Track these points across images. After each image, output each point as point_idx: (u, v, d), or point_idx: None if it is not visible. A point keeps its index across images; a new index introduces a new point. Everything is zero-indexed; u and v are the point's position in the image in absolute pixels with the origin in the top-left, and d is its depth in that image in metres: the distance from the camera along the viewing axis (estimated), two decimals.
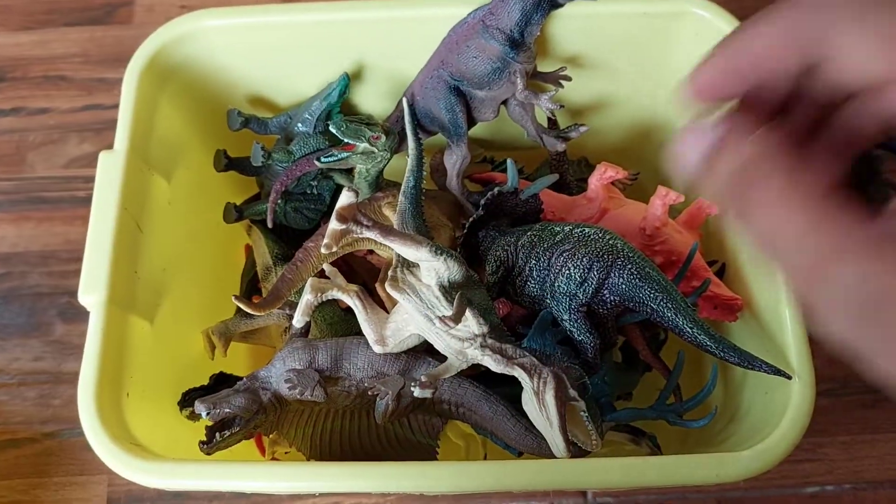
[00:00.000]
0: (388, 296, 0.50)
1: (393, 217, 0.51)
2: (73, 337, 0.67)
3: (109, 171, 0.47)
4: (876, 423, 0.62)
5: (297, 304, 0.48)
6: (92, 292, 0.45)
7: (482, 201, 0.49)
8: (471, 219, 0.49)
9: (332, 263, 0.51)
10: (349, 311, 0.53)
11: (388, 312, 0.51)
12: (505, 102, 0.56)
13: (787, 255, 0.21)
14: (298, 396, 0.41)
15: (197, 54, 0.54)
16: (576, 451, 0.42)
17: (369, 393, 0.43)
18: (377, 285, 0.51)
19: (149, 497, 0.61)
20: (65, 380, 0.66)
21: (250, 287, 0.59)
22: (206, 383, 0.53)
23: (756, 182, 0.21)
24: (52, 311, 0.68)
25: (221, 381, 0.53)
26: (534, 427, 0.43)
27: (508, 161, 0.49)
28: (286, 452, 0.50)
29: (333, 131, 0.51)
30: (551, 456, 0.42)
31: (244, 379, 0.43)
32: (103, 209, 0.46)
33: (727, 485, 0.44)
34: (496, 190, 0.48)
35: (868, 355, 0.20)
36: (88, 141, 0.74)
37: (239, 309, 0.54)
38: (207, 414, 0.41)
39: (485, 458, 0.53)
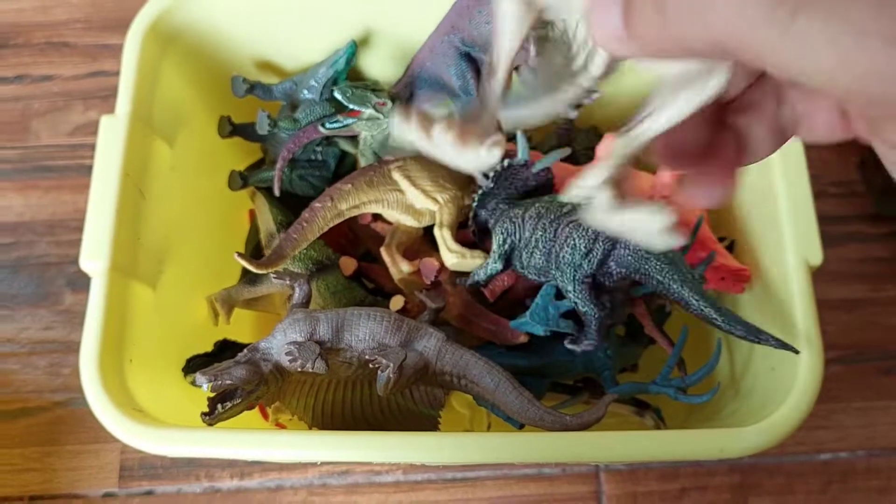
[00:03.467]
0: (393, 260, 0.50)
1: (402, 181, 0.50)
2: (82, 306, 0.66)
3: (111, 137, 0.46)
4: (891, 390, 0.62)
5: (297, 273, 0.48)
6: (94, 259, 0.44)
7: (492, 173, 0.48)
8: (480, 190, 0.48)
9: (336, 230, 0.50)
10: (352, 278, 0.53)
11: (393, 280, 0.51)
12: (517, 69, 0.54)
13: None
14: (299, 369, 0.41)
15: (200, 18, 0.53)
16: (575, 423, 0.42)
17: (370, 365, 0.42)
18: (382, 250, 0.50)
19: (162, 464, 0.61)
20: (75, 349, 0.65)
21: (255, 253, 0.58)
22: (209, 350, 0.53)
23: None
24: (60, 280, 0.68)
25: (225, 348, 0.53)
26: (535, 400, 0.42)
27: (518, 133, 0.48)
28: (290, 419, 0.50)
29: (338, 97, 0.50)
30: (552, 429, 0.41)
31: (245, 350, 0.43)
32: (105, 175, 0.46)
33: None
34: (506, 162, 0.47)
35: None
36: (94, 108, 0.73)
37: (243, 275, 0.54)
38: (208, 385, 0.40)
39: (489, 428, 0.53)
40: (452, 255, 0.48)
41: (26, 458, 0.62)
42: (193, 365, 0.51)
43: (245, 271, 0.52)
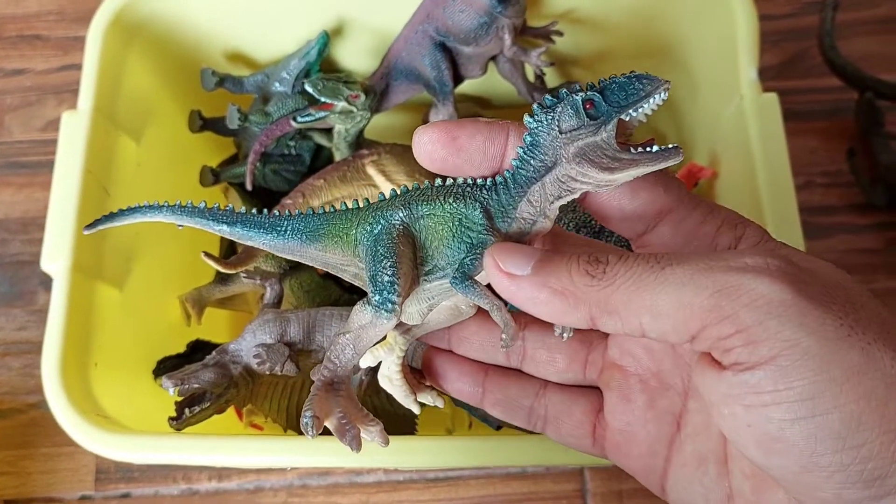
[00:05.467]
0: None
1: (377, 176, 0.49)
2: None
3: (72, 133, 0.45)
4: None
5: (268, 272, 0.47)
6: (55, 259, 0.43)
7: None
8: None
9: None
10: (326, 276, 0.52)
11: None
12: (494, 59, 0.53)
13: None
14: (268, 372, 0.40)
15: (167, 9, 0.51)
16: None
17: None
18: None
19: (139, 467, 0.60)
20: None
21: (228, 251, 0.57)
22: (182, 351, 0.51)
23: None
24: (34, 279, 0.67)
25: (198, 349, 0.52)
26: None
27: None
28: (265, 421, 0.49)
29: (309, 90, 0.49)
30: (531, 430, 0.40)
31: (213, 353, 0.41)
32: (66, 173, 0.44)
33: None
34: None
35: None
36: (67, 103, 0.72)
37: (216, 275, 0.52)
38: (175, 390, 0.39)
39: (470, 427, 0.52)
40: None
41: (0, 461, 0.61)
42: (164, 367, 0.49)
43: (217, 270, 0.50)
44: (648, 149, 0.25)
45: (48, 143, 0.71)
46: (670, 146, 0.25)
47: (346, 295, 0.51)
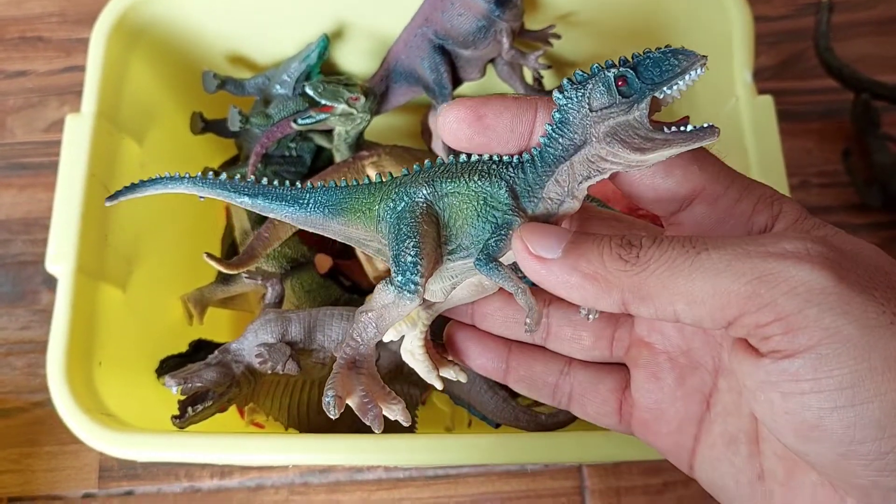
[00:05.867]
0: (368, 257, 0.49)
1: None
2: None
3: (76, 136, 0.46)
4: None
5: (270, 272, 0.47)
6: (60, 261, 0.43)
7: None
8: None
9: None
10: (329, 275, 0.52)
11: (367, 273, 0.50)
12: (492, 62, 0.54)
13: None
14: (270, 371, 0.40)
15: (169, 12, 0.52)
16: (551, 422, 0.41)
17: None
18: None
19: (141, 465, 0.61)
20: None
21: (231, 250, 0.58)
22: (184, 350, 0.52)
23: None
24: (37, 279, 0.67)
25: (200, 348, 0.52)
26: (511, 399, 0.42)
27: None
28: (266, 419, 0.50)
29: (309, 93, 0.49)
30: (528, 428, 0.41)
31: (216, 352, 0.42)
32: (70, 175, 0.45)
33: None
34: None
35: None
36: (69, 104, 0.72)
37: (217, 275, 0.53)
38: (178, 388, 0.40)
39: (469, 425, 0.53)
40: None
41: (4, 459, 0.62)
42: (167, 366, 0.50)
43: (219, 270, 0.51)
44: (682, 128, 0.24)
45: (50, 145, 0.71)
46: (705, 125, 0.24)
47: (346, 295, 0.52)
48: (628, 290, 0.23)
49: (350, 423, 0.47)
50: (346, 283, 0.54)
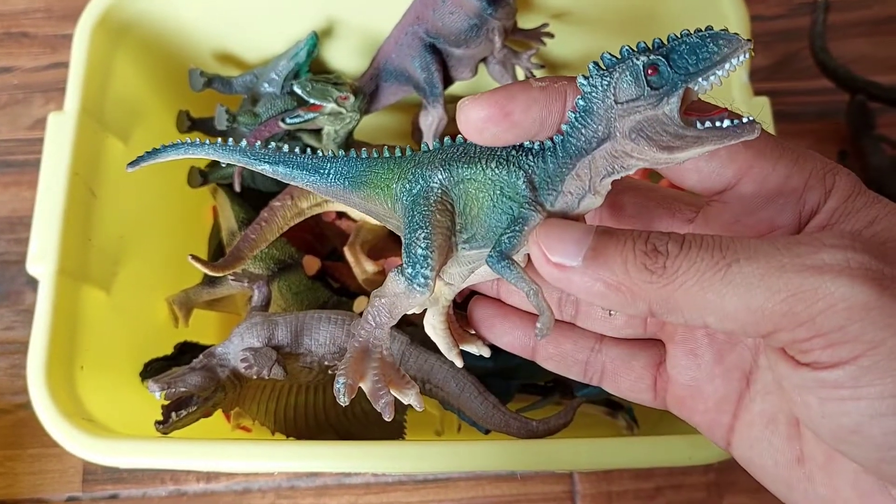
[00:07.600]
0: (357, 259, 0.48)
1: None
2: None
3: (59, 134, 0.45)
4: None
5: (256, 274, 0.46)
6: (41, 262, 0.43)
7: None
8: None
9: (302, 226, 0.49)
10: (317, 277, 0.51)
11: (355, 275, 0.49)
12: (484, 61, 0.53)
13: None
14: (255, 376, 0.40)
15: (155, 8, 0.51)
16: (542, 429, 0.41)
17: (329, 371, 0.41)
18: (345, 249, 0.49)
19: (126, 468, 0.60)
20: None
21: (218, 250, 0.57)
22: (169, 353, 0.51)
23: None
24: (21, 279, 0.66)
25: (186, 351, 0.51)
26: (501, 405, 0.41)
27: None
28: (253, 423, 0.49)
29: (298, 91, 0.48)
30: (518, 435, 0.40)
31: (201, 356, 0.41)
32: (52, 175, 0.44)
33: None
34: None
35: None
36: (54, 101, 0.71)
37: (204, 277, 0.52)
38: (161, 393, 0.39)
39: (459, 430, 0.52)
40: None
41: None
42: (151, 369, 0.49)
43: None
44: (718, 123, 0.22)
45: (35, 142, 0.70)
46: (744, 120, 0.22)
47: (334, 297, 0.51)
48: (655, 302, 0.22)
49: (337, 428, 0.46)
50: (334, 285, 0.53)
